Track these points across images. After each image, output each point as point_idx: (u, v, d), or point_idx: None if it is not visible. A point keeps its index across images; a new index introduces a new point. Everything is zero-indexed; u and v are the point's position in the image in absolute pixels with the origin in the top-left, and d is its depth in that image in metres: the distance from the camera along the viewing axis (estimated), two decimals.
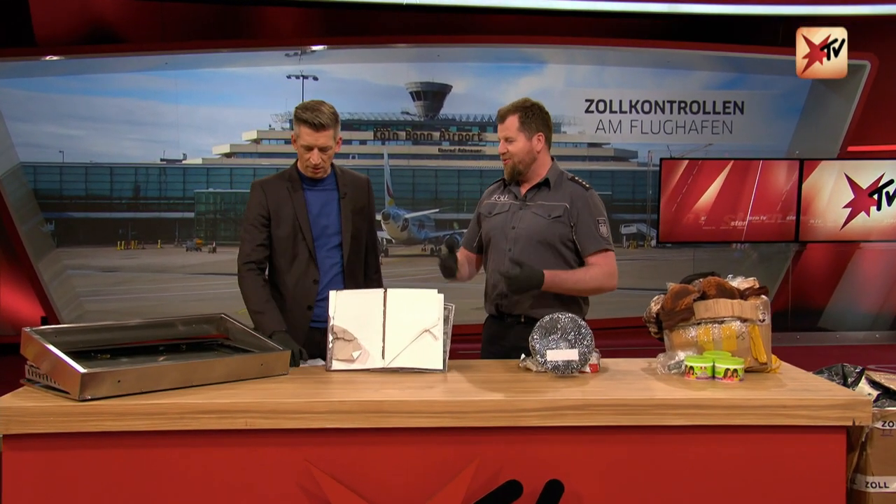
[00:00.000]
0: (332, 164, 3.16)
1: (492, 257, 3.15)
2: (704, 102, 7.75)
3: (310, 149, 3.00)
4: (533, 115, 3.08)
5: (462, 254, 3.25)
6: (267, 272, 3.13)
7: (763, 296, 2.67)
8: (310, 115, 2.97)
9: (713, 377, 2.53)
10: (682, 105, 7.75)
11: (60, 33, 7.09)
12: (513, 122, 3.07)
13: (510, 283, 2.92)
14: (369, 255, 3.26)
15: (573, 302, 3.04)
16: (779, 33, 7.64)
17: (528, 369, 2.70)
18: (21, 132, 7.03)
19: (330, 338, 2.70)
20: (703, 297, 2.67)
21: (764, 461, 2.33)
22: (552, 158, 3.16)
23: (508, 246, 3.07)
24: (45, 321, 6.89)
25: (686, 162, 7.40)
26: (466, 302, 3.13)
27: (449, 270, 3.02)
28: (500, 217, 3.14)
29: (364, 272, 3.24)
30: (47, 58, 7.04)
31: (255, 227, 3.08)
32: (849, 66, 7.12)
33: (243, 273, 3.06)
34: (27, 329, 2.41)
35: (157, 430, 2.22)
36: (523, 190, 3.13)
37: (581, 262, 3.07)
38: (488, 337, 3.18)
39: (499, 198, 3.19)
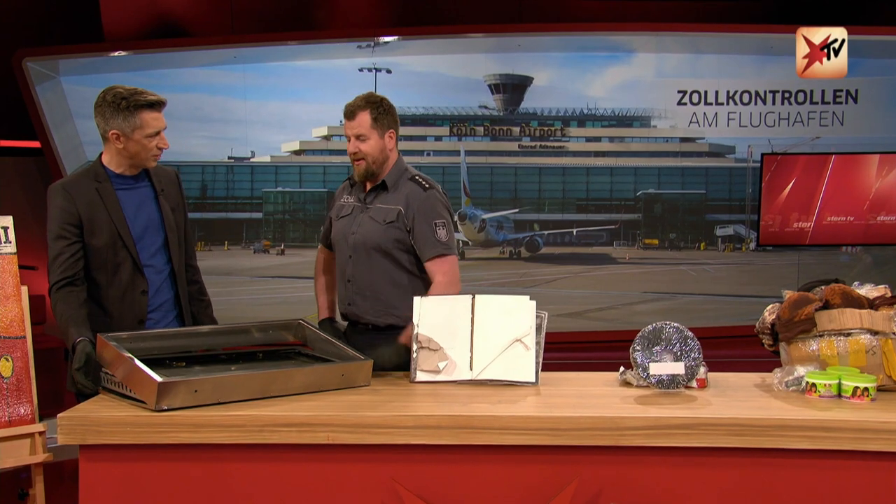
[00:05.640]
0: None
1: (337, 263, 3.14)
2: (812, 91, 7.46)
3: (158, 133, 2.84)
4: (385, 111, 3.02)
5: (326, 253, 3.27)
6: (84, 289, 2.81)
7: None
8: (150, 97, 2.80)
9: (839, 396, 2.42)
10: (787, 95, 7.48)
11: (129, 28, 7.30)
12: (364, 118, 2.99)
13: None
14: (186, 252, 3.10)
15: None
16: None
17: (627, 383, 2.63)
18: (90, 129, 7.20)
19: (414, 347, 2.68)
20: (826, 306, 2.56)
21: None
22: (399, 155, 3.10)
23: (349, 252, 3.06)
24: None
25: (790, 157, 7.15)
26: (551, 308, 3.07)
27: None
28: (343, 221, 3.11)
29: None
30: (115, 53, 7.25)
31: (64, 238, 2.78)
32: None
33: (60, 292, 2.74)
34: (102, 335, 2.46)
35: (234, 443, 2.24)
36: (365, 191, 3.09)
37: (422, 267, 2.99)
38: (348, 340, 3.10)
39: (347, 199, 3.15)
